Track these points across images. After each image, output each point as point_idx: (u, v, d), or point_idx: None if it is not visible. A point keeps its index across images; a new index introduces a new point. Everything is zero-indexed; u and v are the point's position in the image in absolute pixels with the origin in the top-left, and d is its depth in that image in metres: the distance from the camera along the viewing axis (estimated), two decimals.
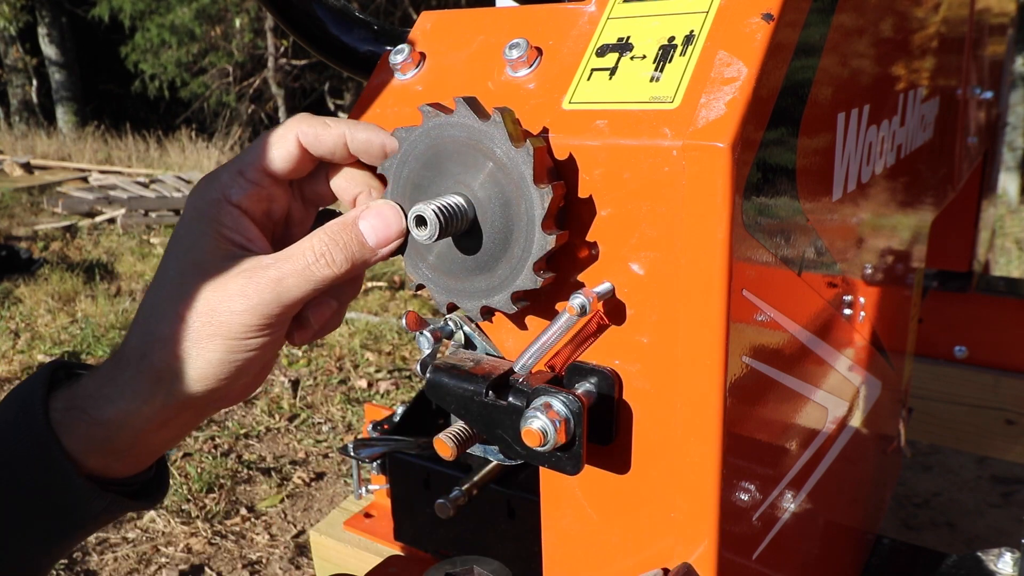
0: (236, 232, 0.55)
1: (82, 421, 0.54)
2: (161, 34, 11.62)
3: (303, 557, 2.41)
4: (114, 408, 0.54)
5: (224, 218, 0.55)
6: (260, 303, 0.52)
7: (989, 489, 2.38)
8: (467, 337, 0.69)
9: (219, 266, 0.53)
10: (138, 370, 0.54)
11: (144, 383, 0.54)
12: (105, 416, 0.54)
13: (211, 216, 0.55)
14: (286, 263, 0.53)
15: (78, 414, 0.54)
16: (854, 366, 0.85)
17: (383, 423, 1.27)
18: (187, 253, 0.54)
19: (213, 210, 0.55)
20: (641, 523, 0.56)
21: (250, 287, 0.52)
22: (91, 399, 0.54)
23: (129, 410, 0.54)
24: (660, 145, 0.48)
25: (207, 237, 0.54)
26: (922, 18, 0.96)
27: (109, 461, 0.56)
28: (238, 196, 0.55)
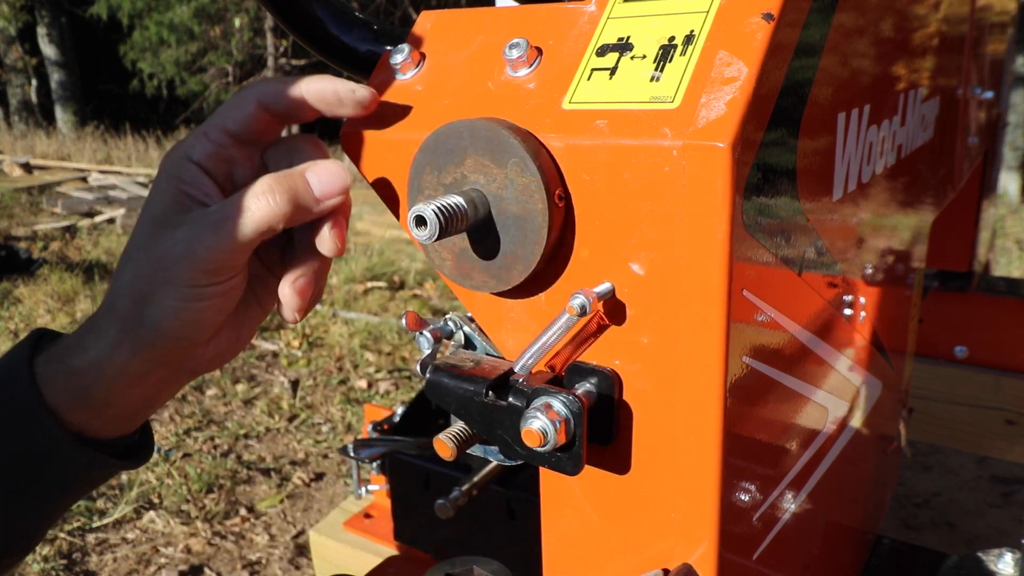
0: (194, 188, 0.57)
1: (60, 372, 0.56)
2: (160, 32, 11.62)
3: (303, 557, 2.41)
4: (87, 356, 0.56)
5: (184, 175, 0.57)
6: (202, 248, 0.54)
7: (989, 489, 2.38)
8: (467, 337, 0.68)
9: (172, 219, 0.56)
10: (108, 319, 0.56)
11: (112, 331, 0.56)
12: (79, 364, 0.56)
13: (172, 173, 0.57)
14: (228, 206, 0.54)
15: (57, 364, 0.56)
16: (854, 366, 0.85)
17: (383, 423, 1.27)
18: (150, 208, 0.57)
19: (175, 168, 0.57)
20: (641, 523, 0.56)
21: (192, 232, 0.54)
22: (69, 349, 0.57)
23: (102, 358, 0.56)
24: (660, 145, 0.48)
25: (167, 193, 0.57)
26: (922, 17, 0.96)
27: (90, 417, 0.57)
28: (198, 155, 0.57)
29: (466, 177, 0.54)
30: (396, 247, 5.86)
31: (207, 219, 0.54)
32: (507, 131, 0.51)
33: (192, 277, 0.54)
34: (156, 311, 0.55)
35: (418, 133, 0.58)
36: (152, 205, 0.57)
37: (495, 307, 0.59)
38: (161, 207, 0.56)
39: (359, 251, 5.66)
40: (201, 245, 0.54)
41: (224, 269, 0.55)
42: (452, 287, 0.60)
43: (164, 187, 0.57)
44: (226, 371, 3.70)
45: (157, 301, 0.54)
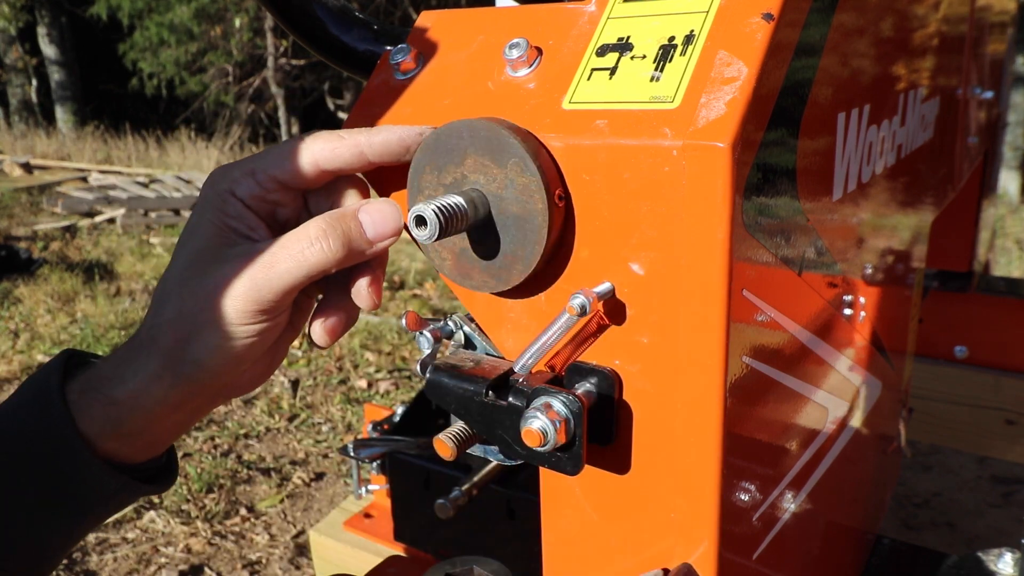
0: (240, 222, 0.56)
1: (97, 402, 0.55)
2: (160, 33, 11.62)
3: (303, 557, 2.41)
4: (127, 388, 0.55)
5: (229, 209, 0.56)
6: (253, 288, 0.53)
7: (989, 489, 2.38)
8: (467, 337, 0.68)
9: (219, 253, 0.55)
10: (148, 352, 0.55)
11: (153, 365, 0.55)
12: (119, 396, 0.55)
13: (217, 206, 0.56)
14: (280, 248, 0.54)
15: (94, 395, 0.55)
16: (854, 366, 0.85)
17: (383, 423, 1.27)
18: (192, 240, 0.56)
19: (219, 200, 0.56)
20: (641, 523, 0.56)
21: (244, 272, 0.53)
22: (106, 380, 0.56)
23: (140, 390, 0.55)
24: (660, 145, 0.48)
25: (212, 225, 0.56)
26: (922, 17, 0.96)
27: (122, 444, 0.57)
28: (243, 193, 0.56)
29: (466, 177, 0.54)
30: (396, 247, 5.86)
31: (259, 259, 0.53)
32: (507, 131, 0.51)
33: (240, 316, 0.54)
34: (201, 348, 0.54)
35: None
36: (194, 237, 0.56)
37: (495, 307, 0.59)
38: (204, 240, 0.56)
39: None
40: (252, 286, 0.53)
41: (273, 309, 0.54)
42: (452, 287, 0.60)
43: (207, 219, 0.56)
44: None
45: (203, 339, 0.54)
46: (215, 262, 0.54)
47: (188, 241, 0.56)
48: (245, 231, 0.56)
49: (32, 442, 0.55)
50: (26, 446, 0.55)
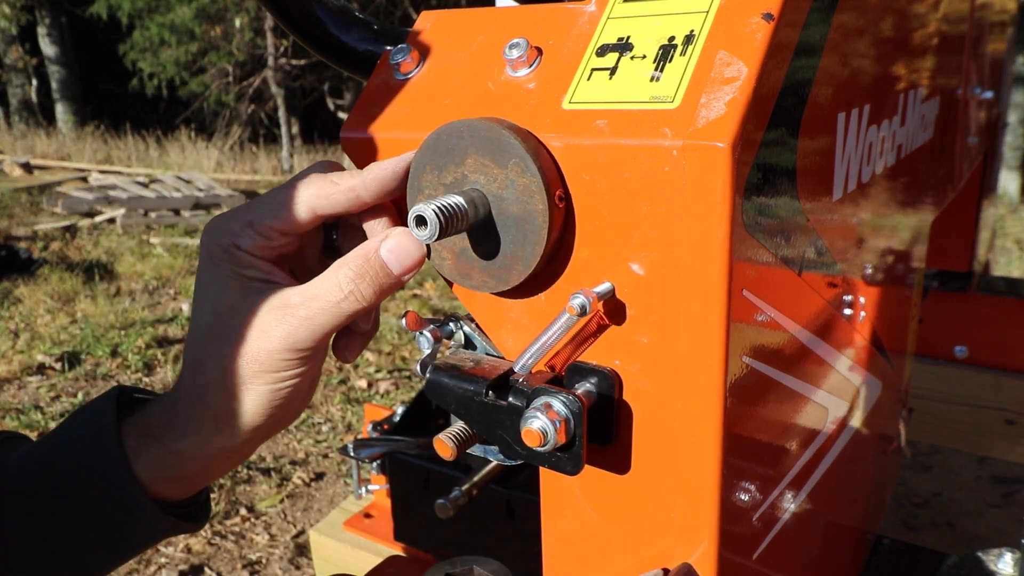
0: (254, 270, 0.57)
1: (156, 449, 0.57)
2: (161, 33, 11.62)
3: (303, 557, 2.41)
4: (188, 441, 0.57)
5: (239, 260, 0.57)
6: (295, 341, 0.55)
7: (989, 489, 2.38)
8: (467, 337, 0.68)
9: (249, 304, 0.56)
10: (198, 410, 0.57)
11: (208, 422, 0.57)
12: (180, 448, 0.57)
13: (226, 260, 0.57)
14: (314, 301, 0.55)
15: (153, 443, 0.57)
16: (854, 366, 0.85)
17: (383, 423, 1.27)
18: (217, 296, 0.56)
19: (227, 255, 0.57)
20: (641, 523, 0.56)
21: (284, 326, 0.54)
22: (164, 430, 0.57)
23: (201, 443, 0.57)
24: (660, 145, 0.48)
25: (227, 279, 0.56)
26: (922, 17, 0.96)
27: (172, 487, 0.59)
28: (247, 245, 0.57)
29: (466, 177, 0.54)
30: None
31: (296, 314, 0.54)
32: (507, 131, 0.51)
33: (284, 365, 0.55)
34: (253, 399, 0.56)
35: (418, 133, 0.58)
36: (213, 293, 0.57)
37: (495, 307, 0.59)
38: (225, 294, 0.56)
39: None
40: (291, 335, 0.54)
41: (316, 354, 0.56)
42: (452, 287, 0.60)
43: (221, 274, 0.57)
44: None
45: (253, 390, 0.56)
46: (245, 313, 0.55)
47: (207, 298, 0.57)
48: (263, 276, 0.57)
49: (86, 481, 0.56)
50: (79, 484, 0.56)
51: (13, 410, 3.25)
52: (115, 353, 3.88)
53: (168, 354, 3.85)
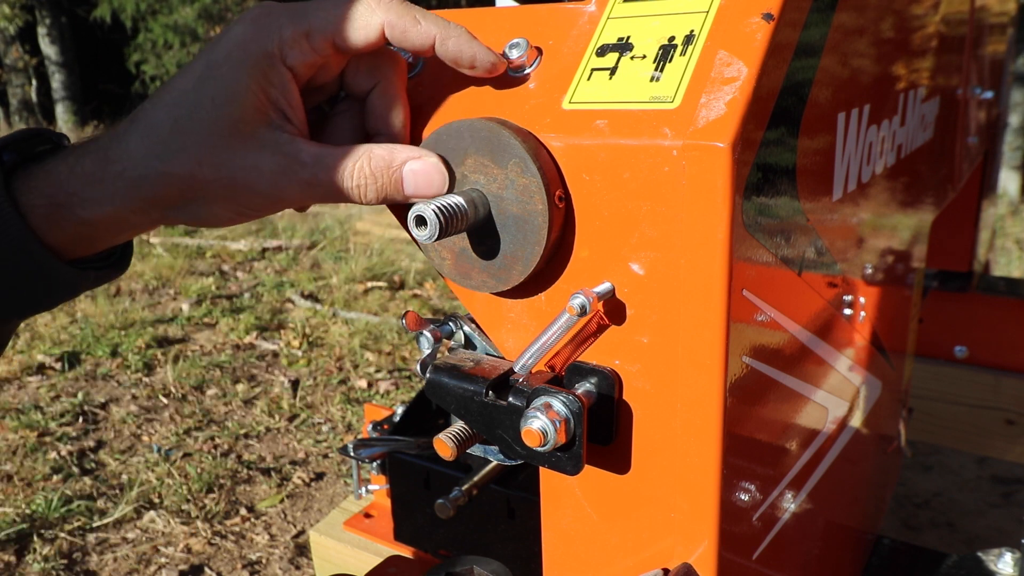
0: (282, 96, 0.52)
1: (67, 221, 0.52)
2: (164, 34, 11.62)
3: (303, 557, 2.41)
4: (102, 212, 0.53)
5: (274, 78, 0.52)
6: (287, 196, 0.53)
7: (989, 489, 2.38)
8: (467, 337, 0.69)
9: (256, 136, 0.52)
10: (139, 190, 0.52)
11: (138, 202, 0.53)
12: (94, 217, 0.53)
13: (261, 70, 0.51)
14: (324, 173, 0.52)
15: (64, 213, 0.52)
16: (854, 366, 0.85)
17: (383, 423, 1.27)
18: (226, 103, 0.51)
19: (264, 64, 0.51)
20: (641, 523, 0.56)
21: (282, 180, 0.52)
22: (77, 199, 0.52)
23: (119, 218, 0.53)
24: (660, 145, 0.48)
25: (253, 95, 0.51)
26: (922, 18, 0.96)
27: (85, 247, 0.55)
28: (295, 61, 0.52)
29: (466, 177, 0.54)
30: (396, 247, 5.86)
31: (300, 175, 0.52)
32: (507, 131, 0.51)
33: (264, 207, 0.53)
34: (204, 213, 0.53)
35: (418, 133, 0.58)
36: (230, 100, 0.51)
37: (495, 307, 0.59)
38: (242, 110, 0.51)
39: (359, 251, 5.66)
40: (284, 194, 0.52)
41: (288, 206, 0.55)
42: (452, 287, 0.60)
43: (247, 83, 0.51)
44: (226, 371, 3.70)
45: (211, 208, 0.53)
46: (250, 146, 0.51)
47: (217, 96, 0.51)
48: (285, 109, 0.53)
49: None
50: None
51: (13, 410, 3.25)
52: (115, 353, 3.88)
53: (168, 354, 3.85)
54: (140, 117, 0.53)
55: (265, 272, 5.40)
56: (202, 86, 0.51)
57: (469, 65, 0.55)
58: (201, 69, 0.52)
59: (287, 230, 6.31)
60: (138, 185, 0.52)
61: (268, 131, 0.52)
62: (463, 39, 0.54)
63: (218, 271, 5.41)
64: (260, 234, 6.17)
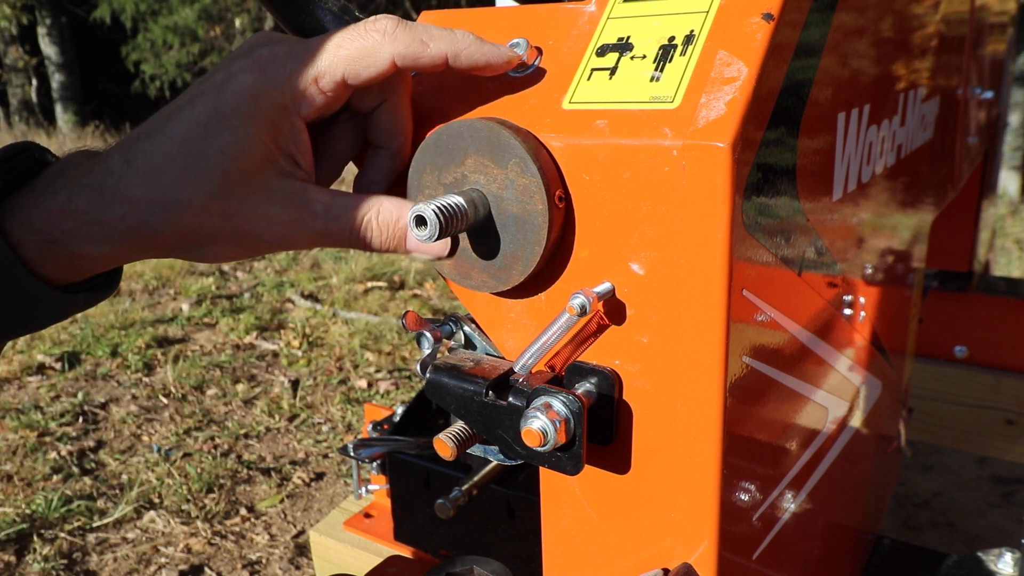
0: (292, 144, 0.52)
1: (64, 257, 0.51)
2: (164, 35, 11.62)
3: (303, 557, 2.41)
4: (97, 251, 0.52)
5: (285, 128, 0.51)
6: (295, 244, 0.54)
7: (989, 489, 2.38)
8: (467, 337, 0.69)
9: (267, 186, 0.52)
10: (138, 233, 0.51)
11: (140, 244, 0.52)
12: (91, 254, 0.52)
13: (272, 122, 0.51)
14: (334, 224, 0.53)
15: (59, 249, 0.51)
16: (854, 366, 0.85)
17: (383, 423, 1.27)
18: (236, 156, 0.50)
19: (276, 117, 0.51)
20: (641, 523, 0.56)
21: (292, 229, 0.53)
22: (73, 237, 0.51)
23: (117, 255, 0.53)
24: (660, 145, 0.48)
25: (261, 144, 0.51)
26: (922, 17, 0.96)
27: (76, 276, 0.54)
28: (307, 111, 0.52)
29: (466, 177, 0.54)
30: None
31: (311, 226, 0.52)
32: (507, 131, 0.51)
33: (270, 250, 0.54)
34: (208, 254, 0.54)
35: (419, 133, 0.58)
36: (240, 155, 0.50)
37: (495, 307, 0.59)
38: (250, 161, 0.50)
39: (359, 251, 5.67)
40: (293, 242, 0.53)
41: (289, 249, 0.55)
42: (452, 287, 0.60)
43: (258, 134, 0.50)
44: (226, 371, 3.70)
45: (215, 251, 0.53)
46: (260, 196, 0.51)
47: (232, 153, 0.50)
48: (295, 155, 0.53)
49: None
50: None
51: (13, 410, 3.25)
52: (115, 353, 3.88)
53: (168, 354, 3.85)
54: (137, 161, 0.51)
55: (265, 272, 5.40)
56: (209, 136, 0.50)
57: (484, 69, 0.55)
58: (206, 117, 0.50)
59: None
60: (140, 231, 0.52)
61: (279, 180, 0.52)
62: (473, 48, 0.54)
63: (218, 271, 5.41)
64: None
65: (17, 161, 0.54)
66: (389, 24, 0.52)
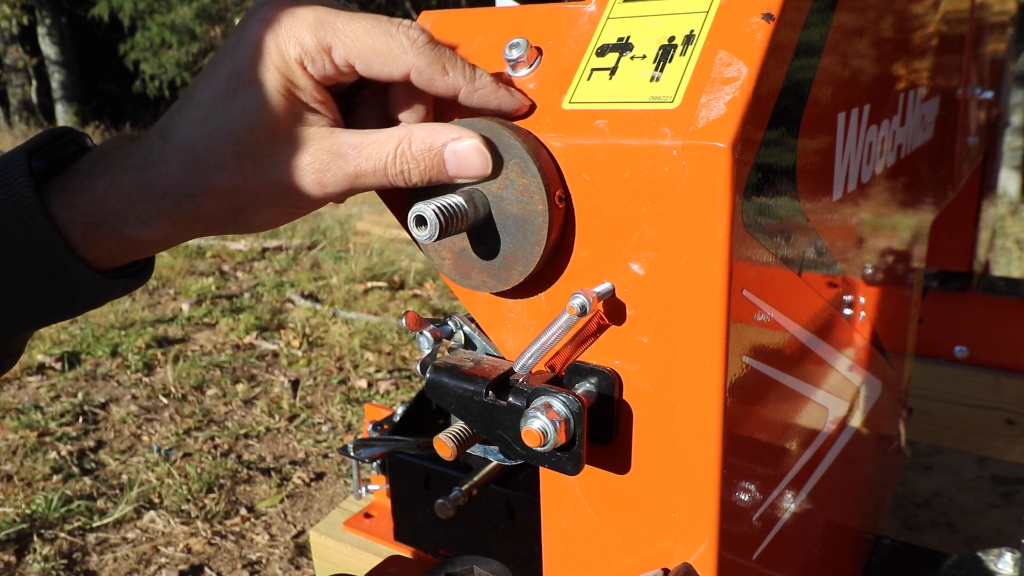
0: (308, 95, 0.52)
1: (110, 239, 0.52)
2: (162, 33, 11.62)
3: (303, 557, 2.41)
4: (148, 231, 0.52)
5: (298, 81, 0.51)
6: (334, 190, 0.52)
7: (989, 489, 2.38)
8: (467, 337, 0.69)
9: (293, 134, 0.52)
10: (182, 207, 0.52)
11: (187, 220, 0.53)
12: (139, 236, 0.53)
13: (284, 73, 0.51)
14: (366, 162, 0.52)
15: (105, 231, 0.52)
16: (854, 366, 0.85)
17: (383, 423, 1.27)
18: (258, 109, 0.51)
19: (286, 68, 0.51)
20: (641, 523, 0.56)
21: (327, 175, 0.52)
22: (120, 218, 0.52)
23: (164, 235, 0.53)
24: (660, 145, 0.48)
25: (279, 95, 0.51)
26: (922, 17, 0.96)
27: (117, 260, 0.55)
28: (317, 72, 0.51)
29: None
30: (396, 247, 5.86)
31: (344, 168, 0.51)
32: (507, 131, 0.51)
33: (310, 205, 0.53)
34: (254, 220, 0.54)
35: None
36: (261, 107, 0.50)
37: (495, 307, 0.59)
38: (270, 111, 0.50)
39: (359, 251, 5.66)
40: (330, 188, 0.52)
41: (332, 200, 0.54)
42: (452, 287, 0.60)
43: (274, 86, 0.50)
44: (226, 371, 3.70)
45: (260, 215, 0.53)
46: (285, 143, 0.51)
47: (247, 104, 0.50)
48: (314, 104, 0.52)
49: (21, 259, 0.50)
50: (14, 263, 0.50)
51: (13, 410, 3.25)
52: (115, 353, 3.88)
53: (168, 354, 3.85)
54: (172, 135, 0.52)
55: (265, 272, 5.40)
56: (231, 95, 0.51)
57: (494, 112, 0.55)
58: (226, 77, 0.51)
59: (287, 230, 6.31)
60: (184, 204, 0.52)
61: (305, 129, 0.52)
62: (487, 91, 0.53)
63: (218, 271, 5.41)
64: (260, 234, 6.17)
65: (58, 144, 0.55)
66: (421, 37, 0.52)
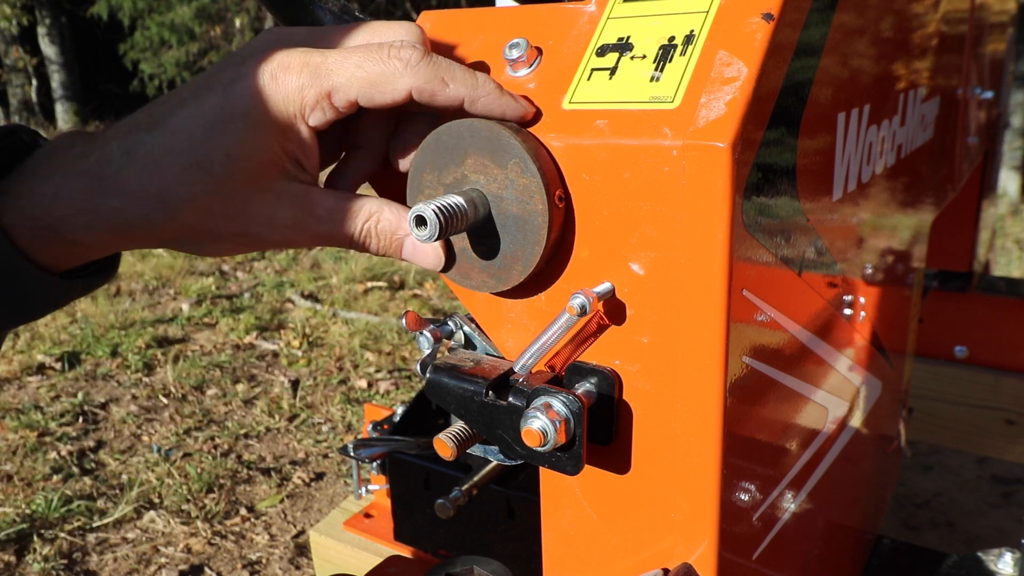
0: (298, 151, 0.52)
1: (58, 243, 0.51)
2: (161, 33, 11.61)
3: (303, 557, 2.41)
4: (96, 236, 0.51)
5: (293, 136, 0.51)
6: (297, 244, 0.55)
7: (989, 489, 2.38)
8: (467, 337, 0.69)
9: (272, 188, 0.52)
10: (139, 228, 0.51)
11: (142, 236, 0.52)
12: (87, 240, 0.51)
13: (281, 130, 0.50)
14: (336, 228, 0.54)
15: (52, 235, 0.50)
16: (854, 366, 0.85)
17: (383, 423, 1.27)
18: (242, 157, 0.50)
19: (284, 125, 0.50)
20: (641, 523, 0.56)
21: (295, 232, 0.53)
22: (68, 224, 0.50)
23: (117, 243, 0.53)
24: (660, 145, 0.48)
25: (268, 149, 0.50)
26: (922, 17, 0.96)
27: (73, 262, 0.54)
28: (317, 121, 0.51)
29: (466, 177, 0.54)
30: None
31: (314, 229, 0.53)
32: (507, 131, 0.51)
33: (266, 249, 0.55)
34: (208, 249, 0.54)
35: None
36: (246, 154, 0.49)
37: (495, 307, 0.59)
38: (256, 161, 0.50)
39: (359, 252, 5.67)
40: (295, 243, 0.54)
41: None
42: (452, 287, 0.60)
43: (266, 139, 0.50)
44: (226, 371, 3.70)
45: (218, 246, 0.54)
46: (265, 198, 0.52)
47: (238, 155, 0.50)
48: (300, 160, 0.53)
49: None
50: None
51: (13, 410, 3.25)
52: (115, 353, 3.88)
53: (168, 354, 3.85)
54: (136, 149, 0.50)
55: (265, 272, 5.40)
56: (215, 136, 0.49)
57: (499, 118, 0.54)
58: (212, 116, 0.49)
59: None
60: (137, 224, 0.51)
61: (283, 183, 0.52)
62: (491, 98, 0.53)
63: (218, 271, 5.41)
64: None
65: (6, 143, 0.53)
66: (414, 55, 0.51)
